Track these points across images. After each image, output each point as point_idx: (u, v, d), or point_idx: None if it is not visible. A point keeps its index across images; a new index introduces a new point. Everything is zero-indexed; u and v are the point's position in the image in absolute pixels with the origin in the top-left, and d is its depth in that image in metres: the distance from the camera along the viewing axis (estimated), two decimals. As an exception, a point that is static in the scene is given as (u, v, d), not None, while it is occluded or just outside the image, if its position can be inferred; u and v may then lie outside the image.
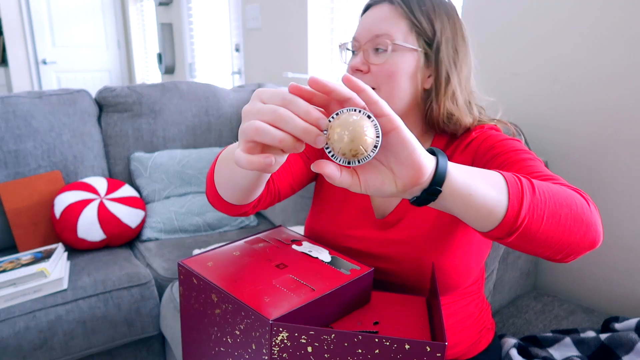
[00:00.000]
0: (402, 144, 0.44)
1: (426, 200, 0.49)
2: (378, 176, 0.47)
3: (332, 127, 0.43)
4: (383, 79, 0.76)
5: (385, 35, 0.75)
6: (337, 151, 0.43)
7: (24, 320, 1.25)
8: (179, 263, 0.68)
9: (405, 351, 0.50)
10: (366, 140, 0.43)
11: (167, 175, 1.83)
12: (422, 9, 0.76)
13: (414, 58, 0.76)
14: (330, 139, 0.43)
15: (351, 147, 0.42)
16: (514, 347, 0.95)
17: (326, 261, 0.70)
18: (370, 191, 0.48)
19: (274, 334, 0.53)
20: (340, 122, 0.43)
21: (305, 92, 0.44)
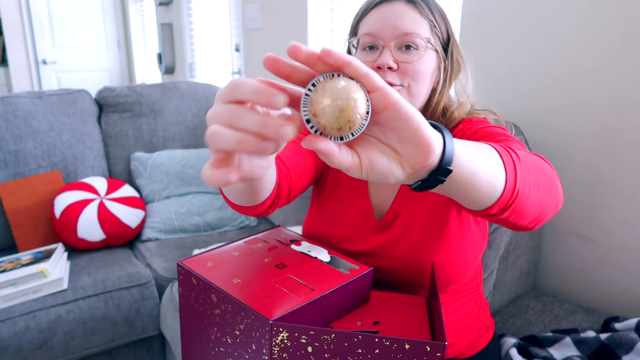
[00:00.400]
0: (404, 120, 0.38)
1: (433, 184, 0.43)
2: (382, 157, 0.40)
3: (317, 99, 0.36)
4: (413, 77, 0.75)
5: (415, 34, 0.74)
6: (326, 126, 0.37)
7: (24, 320, 1.25)
8: (178, 263, 0.68)
9: (405, 351, 0.50)
10: (359, 107, 0.37)
11: (167, 175, 1.83)
12: (438, 11, 0.78)
13: (435, 58, 0.77)
14: (314, 113, 0.37)
15: (345, 118, 0.36)
16: (513, 347, 0.95)
17: (325, 261, 0.70)
18: (374, 174, 0.40)
19: (274, 334, 0.52)
20: (327, 92, 0.36)
21: (284, 66, 0.37)
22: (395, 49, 0.75)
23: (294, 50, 0.37)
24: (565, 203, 1.24)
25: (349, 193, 0.87)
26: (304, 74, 0.38)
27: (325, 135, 0.38)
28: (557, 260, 1.29)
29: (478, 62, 1.38)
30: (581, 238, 1.22)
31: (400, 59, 0.75)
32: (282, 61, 0.37)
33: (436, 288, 0.65)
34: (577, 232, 1.23)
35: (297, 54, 0.37)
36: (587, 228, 1.21)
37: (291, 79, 0.38)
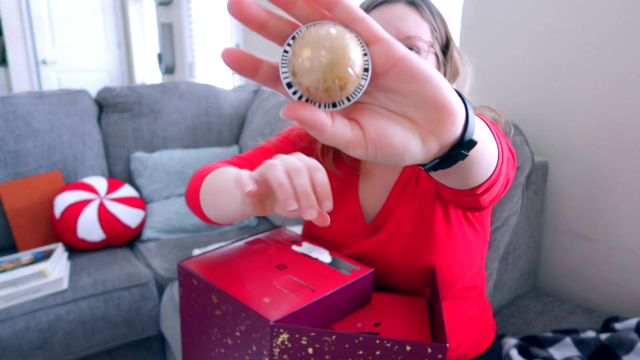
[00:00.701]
0: (419, 80, 0.30)
1: (454, 160, 0.35)
2: (396, 128, 0.31)
3: (296, 52, 0.28)
4: None
5: (418, 37, 0.73)
6: (309, 88, 0.28)
7: (24, 320, 1.25)
8: (178, 264, 0.68)
9: (406, 352, 0.50)
10: (352, 60, 0.27)
11: (167, 175, 1.83)
12: (437, 13, 0.77)
13: (435, 63, 0.77)
14: (293, 71, 0.28)
15: (333, 74, 0.27)
16: (514, 348, 0.95)
17: (326, 262, 0.70)
18: (385, 153, 0.31)
19: (274, 335, 0.52)
20: (308, 41, 0.27)
21: (253, 10, 0.28)
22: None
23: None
24: (565, 203, 1.24)
25: (339, 198, 0.85)
26: (282, 23, 0.29)
27: (311, 101, 0.29)
28: (557, 260, 1.29)
29: (478, 62, 1.38)
30: (581, 238, 1.22)
31: None
32: (250, 4, 0.28)
33: (437, 290, 0.65)
34: (577, 232, 1.23)
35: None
36: (587, 228, 1.21)
37: (265, 29, 0.29)
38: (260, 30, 0.29)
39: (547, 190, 1.26)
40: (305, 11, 0.28)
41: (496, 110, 0.83)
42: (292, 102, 0.28)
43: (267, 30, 0.29)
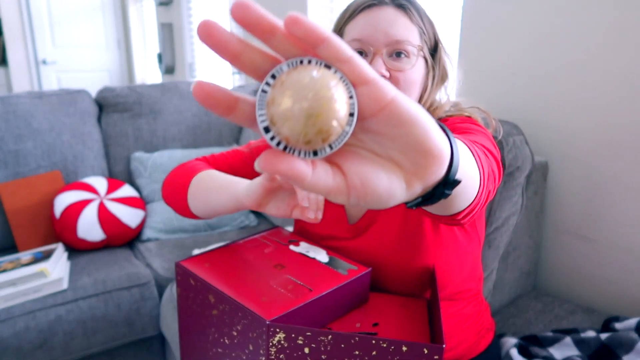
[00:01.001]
0: (407, 125, 0.28)
1: (437, 199, 0.35)
2: (380, 173, 0.29)
3: (275, 99, 0.25)
4: (405, 86, 0.73)
5: (407, 41, 0.72)
6: (289, 138, 0.25)
7: (24, 320, 1.25)
8: (176, 264, 0.68)
9: (403, 353, 0.50)
10: (337, 110, 0.25)
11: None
12: (426, 16, 0.76)
13: (424, 66, 0.76)
14: (271, 119, 0.25)
15: (315, 126, 0.25)
16: (514, 347, 0.95)
17: (323, 262, 0.70)
18: (369, 199, 0.29)
19: (270, 334, 0.52)
20: (288, 88, 0.25)
21: (226, 39, 0.26)
22: (386, 56, 0.72)
23: (240, 10, 0.24)
24: (565, 203, 1.24)
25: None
26: (258, 56, 0.27)
27: (290, 148, 0.26)
28: (557, 260, 1.29)
29: (478, 62, 1.38)
30: (581, 238, 1.22)
31: (392, 66, 0.72)
32: (222, 31, 0.25)
33: (436, 291, 0.65)
34: (577, 232, 1.23)
35: (246, 15, 0.24)
36: (587, 228, 1.21)
37: (239, 61, 0.26)
38: (234, 62, 0.26)
39: (547, 190, 1.26)
40: (285, 45, 0.26)
41: (486, 112, 0.83)
42: (268, 154, 0.26)
43: (241, 62, 0.26)
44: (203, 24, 0.25)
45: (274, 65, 0.27)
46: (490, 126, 0.83)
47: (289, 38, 0.25)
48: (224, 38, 0.25)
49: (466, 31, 1.40)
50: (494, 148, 0.67)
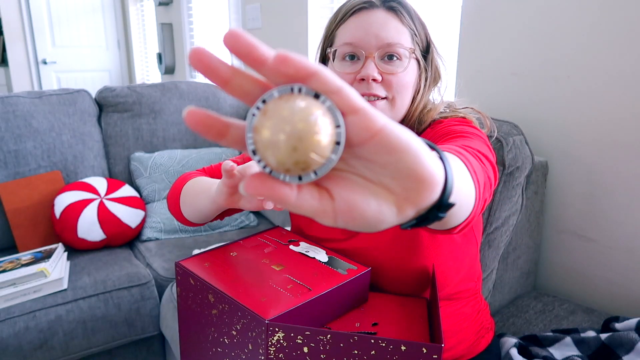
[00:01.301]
0: (398, 152, 0.28)
1: (431, 221, 0.34)
2: (369, 198, 0.29)
3: (260, 126, 0.26)
4: (397, 89, 0.73)
5: (399, 44, 0.72)
6: (272, 164, 0.26)
7: (24, 320, 1.25)
8: (176, 263, 0.68)
9: (402, 352, 0.50)
10: (319, 140, 0.26)
11: (167, 175, 1.83)
12: (417, 19, 0.76)
13: (417, 68, 0.76)
14: (257, 145, 0.26)
15: (300, 156, 0.26)
16: (514, 347, 0.95)
17: (323, 261, 0.70)
18: (357, 222, 0.29)
19: (269, 334, 0.52)
20: (272, 118, 0.26)
21: (215, 65, 0.27)
22: (378, 59, 0.72)
23: (232, 40, 0.25)
24: (565, 203, 1.24)
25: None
26: (248, 82, 0.27)
27: (277, 175, 0.27)
28: (557, 260, 1.29)
29: (478, 62, 1.38)
30: (581, 238, 1.22)
31: (384, 70, 0.72)
32: (211, 58, 0.26)
33: (436, 291, 0.65)
34: (577, 232, 1.23)
35: (237, 45, 0.25)
36: (587, 228, 1.20)
37: (229, 86, 0.27)
38: (224, 87, 0.27)
39: (547, 190, 1.26)
40: (275, 75, 0.26)
41: (480, 112, 0.83)
42: (252, 178, 0.27)
43: (231, 87, 0.27)
44: (193, 51, 0.26)
45: (264, 90, 0.27)
46: (484, 126, 0.83)
47: (281, 75, 0.26)
48: (214, 64, 0.26)
49: (465, 31, 1.40)
50: (489, 151, 0.67)
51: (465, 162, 0.49)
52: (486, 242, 1.10)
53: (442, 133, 0.73)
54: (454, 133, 0.71)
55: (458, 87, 1.37)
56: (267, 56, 0.26)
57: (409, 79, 0.74)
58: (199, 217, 0.78)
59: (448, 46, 1.51)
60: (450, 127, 0.74)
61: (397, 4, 0.74)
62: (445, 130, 0.73)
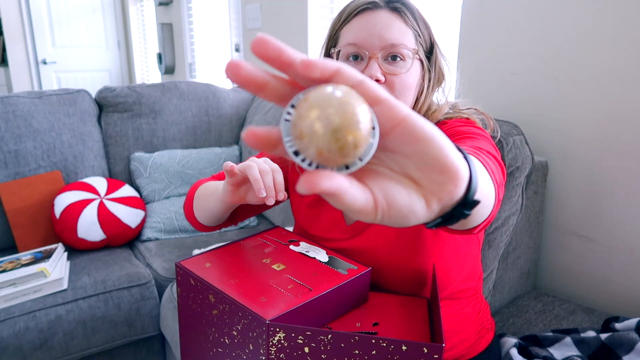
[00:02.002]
0: (422, 142, 0.29)
1: (456, 219, 0.35)
2: (401, 190, 0.30)
3: (302, 115, 0.26)
4: (400, 90, 0.73)
5: (402, 44, 0.72)
6: (322, 151, 0.26)
7: (24, 320, 1.25)
8: (176, 264, 0.68)
9: (402, 352, 0.50)
10: (361, 120, 0.26)
11: (167, 175, 1.83)
12: (421, 18, 0.76)
13: (420, 69, 0.76)
14: (299, 135, 0.26)
15: (345, 135, 0.25)
16: (514, 347, 0.95)
17: (323, 261, 0.70)
18: (391, 216, 0.30)
19: (270, 334, 0.52)
20: (314, 103, 0.26)
21: (251, 74, 0.28)
22: (382, 60, 0.72)
23: (260, 46, 0.27)
24: (565, 203, 1.24)
25: (320, 203, 0.86)
26: (281, 84, 0.29)
27: (323, 166, 0.27)
28: (557, 260, 1.29)
29: (478, 62, 1.38)
30: (581, 238, 1.22)
31: (387, 70, 0.72)
32: (248, 69, 0.27)
33: (436, 290, 0.65)
34: (577, 232, 1.23)
35: (266, 51, 0.27)
36: (587, 228, 1.20)
37: (264, 91, 0.28)
38: (258, 92, 0.28)
39: (547, 190, 1.26)
40: (300, 78, 0.28)
41: (484, 112, 0.83)
42: (307, 176, 0.26)
43: (266, 91, 0.28)
44: (230, 65, 0.27)
45: (295, 90, 0.28)
46: (488, 127, 0.84)
47: (308, 79, 0.27)
48: (251, 73, 0.27)
49: (466, 31, 1.40)
50: (496, 152, 0.69)
51: (483, 161, 0.50)
52: (486, 242, 1.10)
53: (448, 134, 0.73)
54: (460, 134, 0.72)
55: (459, 88, 1.37)
56: (294, 59, 0.27)
57: (412, 80, 0.74)
58: (212, 219, 0.84)
59: (448, 46, 1.51)
60: (456, 128, 0.74)
61: (401, 4, 0.74)
62: (452, 132, 0.74)
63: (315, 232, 0.87)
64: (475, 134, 0.71)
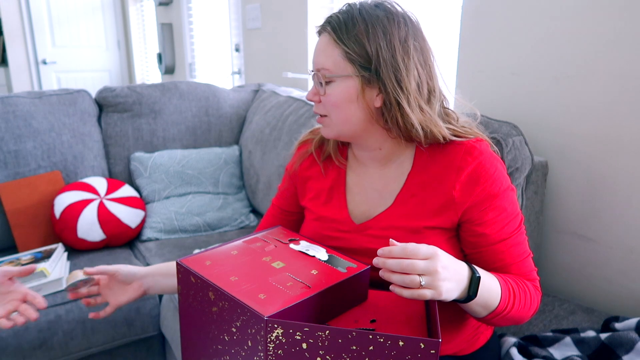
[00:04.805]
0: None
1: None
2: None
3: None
4: (330, 108, 0.80)
5: (322, 68, 0.78)
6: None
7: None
8: (177, 262, 0.68)
9: (399, 348, 0.50)
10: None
11: (167, 175, 1.83)
12: (353, 35, 0.75)
13: (352, 84, 0.77)
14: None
15: None
16: (514, 346, 0.95)
17: (323, 259, 0.70)
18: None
19: (268, 330, 0.53)
20: None
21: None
22: (316, 82, 0.81)
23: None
24: (565, 203, 1.24)
25: (328, 205, 0.90)
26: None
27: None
28: (557, 260, 1.29)
29: (478, 62, 1.38)
30: (581, 238, 1.22)
31: (319, 92, 0.80)
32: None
33: None
34: (577, 232, 1.23)
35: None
36: (587, 228, 1.20)
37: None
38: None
39: (547, 190, 1.26)
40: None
41: (473, 129, 0.84)
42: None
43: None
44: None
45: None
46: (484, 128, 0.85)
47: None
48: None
49: (466, 31, 1.40)
50: (517, 203, 0.83)
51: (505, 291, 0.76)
52: (486, 241, 1.10)
53: (476, 193, 0.78)
54: (491, 198, 0.79)
55: (459, 88, 1.38)
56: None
57: (337, 98, 0.78)
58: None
59: (448, 46, 1.51)
60: (482, 188, 0.78)
61: (334, 24, 0.78)
62: (478, 191, 0.78)
63: (323, 231, 0.89)
64: (501, 192, 0.79)
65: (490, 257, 0.81)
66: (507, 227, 0.81)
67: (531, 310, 0.81)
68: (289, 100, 1.83)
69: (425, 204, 0.81)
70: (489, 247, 0.81)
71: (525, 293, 0.80)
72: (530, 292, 0.82)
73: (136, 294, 0.98)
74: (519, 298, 0.78)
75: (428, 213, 0.81)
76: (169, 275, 1.00)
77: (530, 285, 0.83)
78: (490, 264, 0.81)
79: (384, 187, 0.85)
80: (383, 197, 0.85)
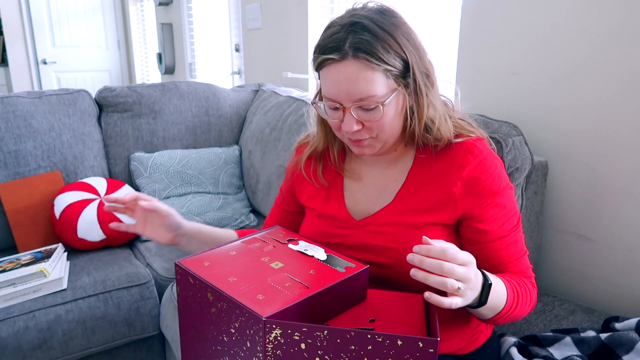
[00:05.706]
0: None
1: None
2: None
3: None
4: (379, 129, 0.77)
5: (370, 97, 0.73)
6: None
7: (24, 320, 1.25)
8: (176, 263, 0.68)
9: (398, 347, 0.50)
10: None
11: (167, 175, 1.83)
12: (389, 49, 0.73)
13: (400, 97, 0.76)
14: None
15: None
16: (513, 346, 0.95)
17: (322, 259, 0.70)
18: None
19: (267, 331, 0.53)
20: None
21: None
22: (355, 109, 0.74)
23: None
24: (565, 203, 1.24)
25: (327, 204, 0.91)
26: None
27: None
28: (557, 260, 1.29)
29: (478, 62, 1.38)
30: (581, 238, 1.22)
31: (362, 118, 0.75)
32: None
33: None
34: (577, 232, 1.22)
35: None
36: (587, 228, 1.20)
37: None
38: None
39: (547, 190, 1.26)
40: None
41: (472, 124, 0.85)
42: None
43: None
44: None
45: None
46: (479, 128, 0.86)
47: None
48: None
49: (466, 31, 1.40)
50: (515, 200, 0.84)
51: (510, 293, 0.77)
52: (486, 241, 1.10)
53: (477, 190, 0.79)
54: (492, 195, 0.80)
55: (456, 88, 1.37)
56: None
57: (389, 118, 0.76)
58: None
59: (448, 46, 1.51)
60: (483, 186, 0.79)
61: (365, 46, 0.71)
62: (479, 189, 0.79)
63: (323, 228, 0.90)
64: (500, 190, 0.80)
65: (489, 253, 0.81)
66: (507, 224, 0.81)
67: (530, 308, 0.83)
68: (289, 100, 1.82)
69: (425, 201, 0.81)
70: (488, 244, 0.81)
71: (526, 292, 0.81)
72: (530, 290, 0.82)
73: (167, 241, 0.94)
74: (522, 298, 0.79)
75: (428, 209, 0.81)
76: (204, 243, 0.97)
77: (529, 284, 0.83)
78: (488, 261, 0.81)
79: (384, 185, 0.86)
80: (383, 195, 0.85)
